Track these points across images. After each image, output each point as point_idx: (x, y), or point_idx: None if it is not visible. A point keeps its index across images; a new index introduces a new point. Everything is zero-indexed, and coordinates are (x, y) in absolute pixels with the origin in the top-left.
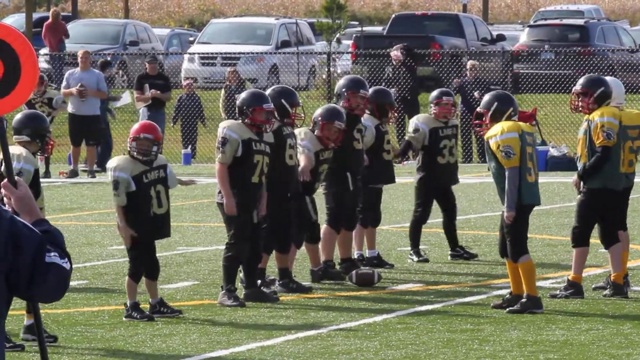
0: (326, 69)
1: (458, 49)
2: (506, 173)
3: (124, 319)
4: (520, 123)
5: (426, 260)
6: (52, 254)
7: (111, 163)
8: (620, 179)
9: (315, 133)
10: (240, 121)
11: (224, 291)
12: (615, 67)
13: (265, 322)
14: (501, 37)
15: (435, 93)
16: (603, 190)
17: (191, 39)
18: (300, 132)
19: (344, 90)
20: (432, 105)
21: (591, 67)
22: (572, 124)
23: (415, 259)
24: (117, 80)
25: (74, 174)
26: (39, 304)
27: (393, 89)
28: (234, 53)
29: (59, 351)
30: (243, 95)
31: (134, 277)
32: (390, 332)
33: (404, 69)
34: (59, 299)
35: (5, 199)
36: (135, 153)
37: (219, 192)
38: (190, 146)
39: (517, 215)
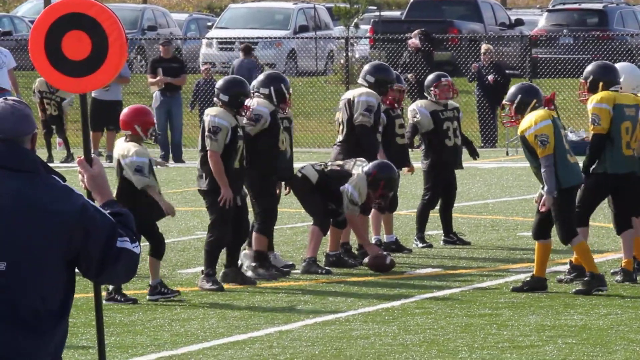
0: (344, 54)
1: (476, 34)
2: (541, 162)
3: (148, 298)
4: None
5: (430, 246)
6: (124, 238)
7: (127, 150)
8: (625, 162)
9: (369, 190)
10: (222, 108)
11: (203, 275)
12: (634, 52)
13: (284, 306)
14: (519, 22)
15: (431, 77)
16: (603, 175)
17: (209, 23)
18: (356, 178)
19: (389, 85)
20: (431, 89)
21: (610, 52)
22: None
23: (420, 244)
24: (135, 65)
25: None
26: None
27: (410, 74)
28: (252, 38)
29: (77, 336)
30: (227, 84)
31: (156, 255)
32: (408, 316)
33: (421, 54)
34: (127, 282)
35: (79, 175)
36: (148, 138)
37: (202, 179)
38: None
39: (562, 199)
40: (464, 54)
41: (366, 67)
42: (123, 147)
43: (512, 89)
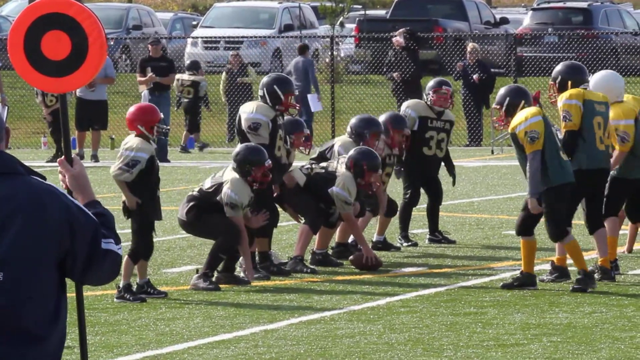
0: (329, 53)
1: (461, 32)
2: (528, 158)
3: (115, 300)
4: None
5: (415, 245)
6: (108, 240)
7: (130, 143)
8: (600, 157)
9: (357, 180)
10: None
11: (198, 274)
12: (619, 50)
13: (269, 305)
14: (504, 20)
15: (433, 82)
16: (579, 172)
17: (194, 23)
18: (342, 178)
19: (366, 131)
20: (430, 92)
21: (594, 50)
22: None
23: (405, 243)
24: (121, 64)
25: (79, 158)
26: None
27: (395, 73)
28: (237, 37)
29: None
30: (243, 151)
31: (133, 258)
32: (393, 315)
33: (406, 53)
34: (108, 283)
35: (60, 176)
36: (158, 134)
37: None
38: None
39: (552, 197)
40: (449, 52)
41: (353, 120)
42: (128, 140)
43: (500, 92)
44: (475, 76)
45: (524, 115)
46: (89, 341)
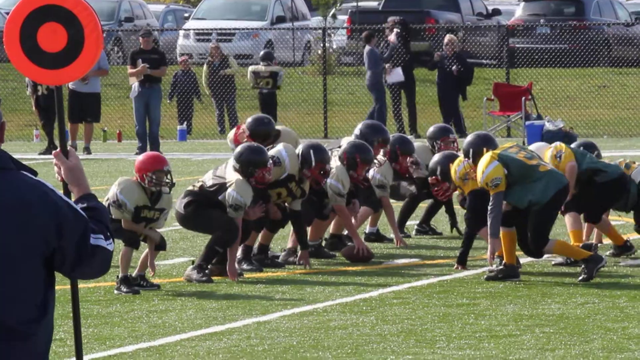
0: (321, 45)
1: (453, 24)
2: (490, 200)
3: (114, 292)
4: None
5: (407, 237)
6: (98, 235)
7: (119, 185)
8: (557, 177)
9: (350, 172)
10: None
11: (193, 266)
12: (611, 41)
13: (261, 297)
14: (497, 12)
15: (439, 131)
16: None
17: (186, 15)
18: (335, 171)
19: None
20: (438, 141)
21: (586, 41)
22: (567, 98)
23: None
24: (113, 56)
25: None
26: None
27: (388, 65)
28: (229, 29)
29: (54, 328)
30: (245, 152)
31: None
32: (386, 306)
33: (399, 42)
34: (98, 277)
35: (55, 168)
36: (150, 184)
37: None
38: (185, 122)
39: (545, 211)
40: (441, 44)
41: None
42: (121, 180)
43: (466, 140)
44: (454, 68)
45: (480, 170)
46: (82, 333)
